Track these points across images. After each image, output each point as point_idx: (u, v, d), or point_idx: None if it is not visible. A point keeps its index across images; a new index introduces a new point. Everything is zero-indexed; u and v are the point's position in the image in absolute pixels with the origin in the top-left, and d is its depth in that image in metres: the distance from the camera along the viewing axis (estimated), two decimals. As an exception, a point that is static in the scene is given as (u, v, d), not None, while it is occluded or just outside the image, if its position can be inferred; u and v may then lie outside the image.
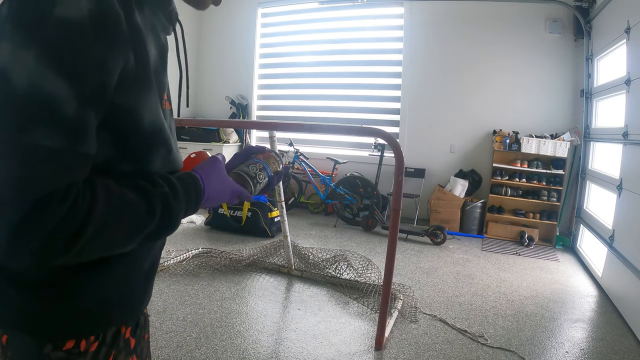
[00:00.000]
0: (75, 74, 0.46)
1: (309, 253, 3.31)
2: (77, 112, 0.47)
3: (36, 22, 0.45)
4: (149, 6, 0.61)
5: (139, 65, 0.54)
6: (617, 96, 3.49)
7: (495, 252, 4.07)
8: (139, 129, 0.57)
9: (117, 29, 0.50)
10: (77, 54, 0.46)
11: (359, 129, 3.14)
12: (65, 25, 0.45)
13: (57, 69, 0.45)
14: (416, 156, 5.07)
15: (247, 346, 2.16)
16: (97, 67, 0.48)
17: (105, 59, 0.49)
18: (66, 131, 0.46)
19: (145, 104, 0.57)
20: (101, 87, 0.49)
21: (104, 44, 0.48)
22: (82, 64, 0.47)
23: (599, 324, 2.64)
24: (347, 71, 5.62)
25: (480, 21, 4.84)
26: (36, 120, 0.44)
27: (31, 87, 0.44)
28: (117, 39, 0.50)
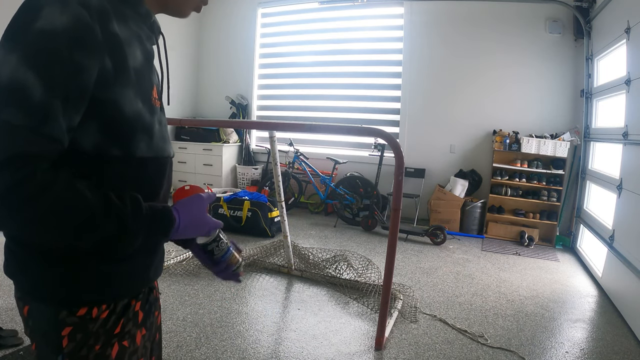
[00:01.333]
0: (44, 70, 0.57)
1: (309, 253, 3.31)
2: (42, 99, 0.56)
3: (21, 33, 0.58)
4: (133, 21, 0.73)
5: (116, 66, 0.65)
6: (617, 96, 3.49)
7: (495, 252, 4.07)
8: (121, 118, 0.67)
9: (90, 38, 0.61)
10: (50, 55, 0.58)
11: (359, 129, 3.14)
12: (43, 34, 0.58)
13: (30, 66, 0.56)
14: (416, 156, 5.07)
15: (247, 346, 2.16)
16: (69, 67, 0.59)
17: (78, 61, 0.59)
18: (29, 112, 0.56)
19: (125, 97, 0.67)
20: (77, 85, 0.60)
21: (78, 49, 0.59)
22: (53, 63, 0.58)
23: (599, 324, 2.64)
24: (347, 71, 5.62)
25: (480, 21, 4.84)
26: (7, 103, 0.55)
27: (9, 79, 0.56)
28: (90, 45, 0.61)
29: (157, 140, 0.74)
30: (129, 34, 0.69)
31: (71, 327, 0.68)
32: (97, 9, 0.63)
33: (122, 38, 0.67)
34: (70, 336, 0.67)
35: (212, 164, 5.75)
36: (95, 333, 0.69)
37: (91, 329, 0.69)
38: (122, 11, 0.70)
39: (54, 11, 0.59)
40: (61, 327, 0.67)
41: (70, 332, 0.68)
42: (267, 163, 5.92)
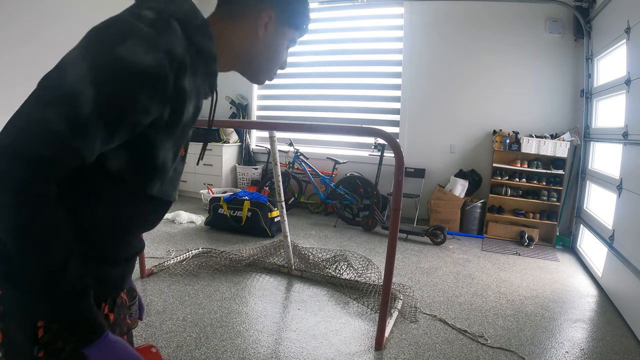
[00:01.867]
0: (105, 93, 0.60)
1: (309, 253, 3.31)
2: (88, 117, 0.59)
3: (101, 49, 0.61)
4: (200, 75, 0.75)
5: (172, 119, 0.69)
6: (617, 96, 3.49)
7: (495, 252, 4.07)
8: (151, 161, 0.71)
9: (161, 88, 0.64)
10: (117, 84, 0.60)
11: (359, 129, 3.14)
12: (121, 62, 0.60)
13: (94, 83, 0.59)
14: (416, 156, 5.07)
15: (247, 346, 2.16)
16: (131, 105, 0.62)
17: (141, 101, 0.63)
18: (71, 123, 0.58)
19: (164, 146, 0.71)
20: (129, 121, 0.63)
21: (145, 92, 0.63)
22: (116, 93, 0.61)
23: (599, 324, 2.64)
24: (347, 71, 5.62)
25: (480, 21, 4.84)
26: (56, 103, 0.58)
27: (71, 84, 0.59)
28: (158, 94, 0.64)
29: (166, 185, 0.78)
30: (192, 89, 0.72)
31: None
32: (178, 61, 0.66)
33: (187, 94, 0.70)
34: (45, 327, 0.67)
35: (212, 164, 5.75)
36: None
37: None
38: (195, 64, 0.72)
39: (140, 47, 0.61)
40: (37, 317, 0.67)
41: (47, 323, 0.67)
42: (267, 163, 5.92)
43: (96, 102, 0.59)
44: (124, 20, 0.65)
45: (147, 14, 0.66)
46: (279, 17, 0.81)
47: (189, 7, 0.73)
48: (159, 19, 0.67)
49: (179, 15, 0.70)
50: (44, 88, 0.60)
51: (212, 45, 0.76)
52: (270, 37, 0.82)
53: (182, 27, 0.70)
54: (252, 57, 0.84)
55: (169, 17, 0.68)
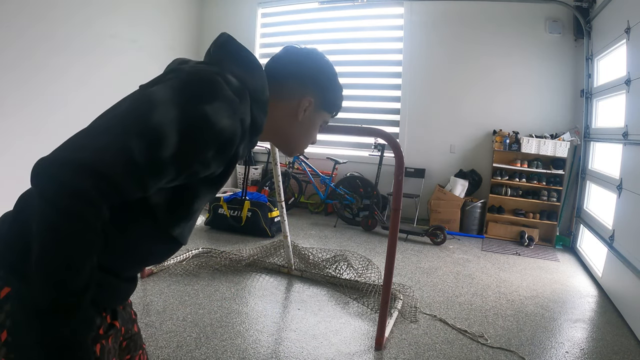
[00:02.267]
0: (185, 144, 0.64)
1: (309, 253, 3.31)
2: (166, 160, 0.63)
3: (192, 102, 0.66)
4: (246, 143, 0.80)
5: (220, 177, 0.76)
6: (617, 96, 3.49)
7: (495, 252, 4.07)
8: (187, 206, 0.76)
9: (229, 150, 0.71)
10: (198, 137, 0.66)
11: (359, 129, 3.14)
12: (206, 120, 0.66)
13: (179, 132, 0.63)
14: (416, 156, 5.07)
15: (247, 346, 2.16)
16: (199, 157, 0.67)
17: (209, 157, 0.68)
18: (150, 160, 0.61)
19: (204, 197, 0.78)
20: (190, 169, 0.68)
21: (215, 151, 0.69)
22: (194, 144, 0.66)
23: (599, 324, 2.64)
24: (347, 71, 5.61)
25: (480, 21, 4.84)
26: (142, 138, 0.61)
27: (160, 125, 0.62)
28: (225, 154, 0.71)
29: (186, 231, 0.83)
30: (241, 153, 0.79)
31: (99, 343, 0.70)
32: (243, 130, 0.73)
33: (238, 159, 0.77)
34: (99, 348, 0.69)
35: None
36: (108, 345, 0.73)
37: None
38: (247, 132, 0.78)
39: (225, 110, 0.68)
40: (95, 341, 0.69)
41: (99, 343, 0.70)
42: (267, 163, 5.92)
43: (177, 150, 0.63)
44: (215, 81, 0.70)
45: (233, 81, 0.73)
46: (316, 102, 0.90)
47: (262, 85, 0.80)
48: (241, 88, 0.73)
49: (252, 88, 0.77)
50: (132, 117, 0.63)
51: (264, 121, 0.83)
52: (307, 120, 0.92)
53: (251, 100, 0.77)
54: (289, 136, 0.93)
55: (247, 89, 0.75)
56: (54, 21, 4.15)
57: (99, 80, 4.59)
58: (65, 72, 4.30)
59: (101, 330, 0.76)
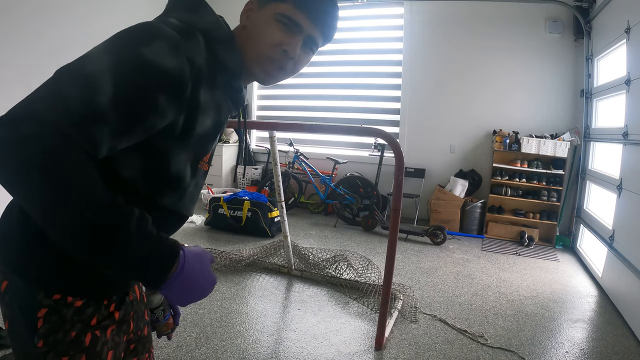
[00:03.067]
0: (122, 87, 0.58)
1: (309, 253, 3.31)
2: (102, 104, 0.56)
3: (127, 46, 0.61)
4: (221, 90, 0.75)
5: (184, 129, 0.68)
6: (617, 96, 3.49)
7: (495, 252, 4.07)
8: (163, 171, 0.70)
9: (179, 92, 0.64)
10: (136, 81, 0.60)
11: (359, 129, 3.14)
12: (144, 62, 0.60)
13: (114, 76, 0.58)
14: (416, 156, 5.07)
15: (247, 346, 2.16)
16: (146, 104, 0.60)
17: (159, 102, 0.61)
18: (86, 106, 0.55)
19: (177, 157, 0.70)
20: (144, 119, 0.61)
21: (164, 93, 0.62)
22: (134, 89, 0.59)
23: (599, 324, 2.64)
24: (347, 71, 5.62)
25: (480, 21, 4.83)
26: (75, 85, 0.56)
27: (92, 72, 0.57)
28: (176, 98, 0.64)
29: (185, 200, 0.78)
30: (209, 102, 0.72)
31: (46, 309, 0.69)
32: (197, 70, 0.66)
33: (201, 105, 0.70)
34: (45, 318, 0.69)
35: (212, 164, 5.72)
36: (71, 319, 0.70)
37: (65, 314, 0.70)
38: (215, 78, 0.73)
39: (164, 49, 0.62)
40: (37, 307, 0.69)
41: (46, 314, 0.69)
42: (267, 163, 5.92)
43: (114, 94, 0.57)
44: (152, 24, 0.65)
45: (174, 21, 0.68)
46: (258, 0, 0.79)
47: (213, 21, 0.74)
48: (185, 27, 0.68)
49: (201, 26, 0.71)
50: (62, 73, 0.58)
51: (237, 60, 0.75)
52: (253, 22, 0.78)
53: (205, 39, 0.71)
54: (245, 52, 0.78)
55: (193, 27, 0.70)
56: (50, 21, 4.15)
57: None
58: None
59: (94, 320, 0.73)
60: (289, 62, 0.78)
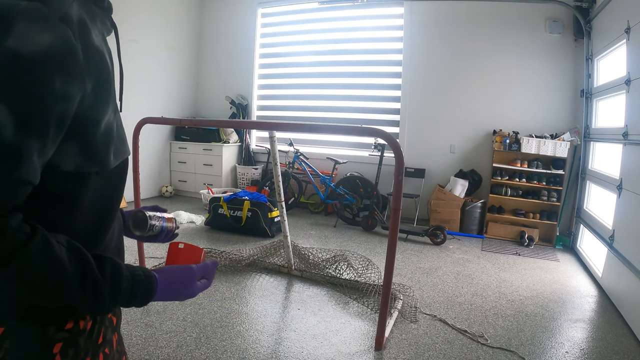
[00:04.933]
0: (18, 104, 0.47)
1: (309, 253, 3.31)
2: (16, 139, 0.47)
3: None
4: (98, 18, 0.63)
5: (98, 86, 0.58)
6: (617, 96, 3.49)
7: (495, 252, 4.07)
8: (98, 134, 0.60)
9: (74, 62, 0.52)
10: (26, 85, 0.48)
11: (359, 129, 3.13)
12: (18, 58, 0.47)
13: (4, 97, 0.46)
14: (416, 156, 5.07)
15: (247, 346, 2.16)
16: (51, 99, 0.50)
17: (61, 90, 0.51)
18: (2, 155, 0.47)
19: (103, 113, 0.60)
20: (58, 116, 0.51)
21: (61, 77, 0.50)
22: (30, 95, 0.48)
23: (599, 324, 2.64)
24: (347, 71, 5.62)
25: (480, 21, 4.84)
26: None
27: None
28: (72, 71, 0.52)
29: (117, 144, 0.66)
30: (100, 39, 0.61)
31: (62, 343, 0.63)
32: (77, 23, 0.55)
33: (100, 51, 0.59)
34: (62, 352, 0.63)
35: (212, 164, 5.75)
36: (85, 346, 0.66)
37: (80, 342, 0.65)
38: (91, 10, 0.61)
39: (32, 28, 0.48)
40: (51, 344, 0.62)
41: (62, 348, 0.63)
42: (267, 163, 5.92)
43: (15, 119, 0.47)
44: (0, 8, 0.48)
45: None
46: None
47: None
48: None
49: None
50: None
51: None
52: None
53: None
54: None
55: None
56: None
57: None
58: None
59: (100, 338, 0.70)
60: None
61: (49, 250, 0.52)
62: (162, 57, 5.72)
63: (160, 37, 5.59)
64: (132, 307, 0.68)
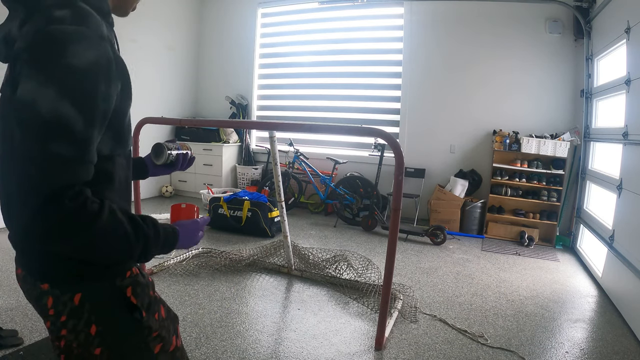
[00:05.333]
0: (83, 104, 0.65)
1: (309, 253, 3.31)
2: (85, 131, 0.65)
3: (51, 67, 0.63)
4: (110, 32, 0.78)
5: (124, 87, 0.75)
6: (617, 96, 3.49)
7: (495, 252, 4.07)
8: (125, 123, 0.79)
9: (112, 69, 0.69)
10: (85, 91, 0.65)
11: (359, 129, 3.13)
12: (77, 70, 0.64)
13: (70, 101, 0.63)
14: (416, 156, 5.07)
15: (247, 346, 2.16)
16: (100, 99, 0.67)
17: (107, 92, 0.68)
18: (76, 145, 0.65)
19: (128, 107, 0.79)
20: (104, 112, 0.69)
21: (105, 82, 0.68)
22: (89, 97, 0.66)
23: (599, 324, 2.64)
24: (347, 71, 5.62)
25: (480, 21, 4.84)
26: (55, 136, 0.62)
27: (52, 114, 0.62)
28: (112, 77, 0.69)
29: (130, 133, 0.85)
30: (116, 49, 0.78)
31: (130, 287, 0.83)
32: (108, 39, 0.71)
33: (122, 58, 0.75)
34: (133, 293, 0.83)
35: (212, 164, 5.75)
36: (144, 283, 0.87)
37: (142, 282, 0.86)
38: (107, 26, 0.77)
39: (81, 47, 0.65)
40: (124, 289, 0.81)
41: (132, 290, 0.83)
42: (267, 163, 5.92)
43: (82, 116, 0.64)
44: (53, 33, 0.65)
45: (60, 13, 0.67)
46: None
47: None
48: (73, 11, 0.68)
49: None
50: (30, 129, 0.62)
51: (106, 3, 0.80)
52: None
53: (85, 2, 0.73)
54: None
55: (72, 2, 0.71)
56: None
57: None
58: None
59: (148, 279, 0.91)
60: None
61: (115, 214, 0.69)
62: (162, 57, 5.72)
63: (160, 37, 5.59)
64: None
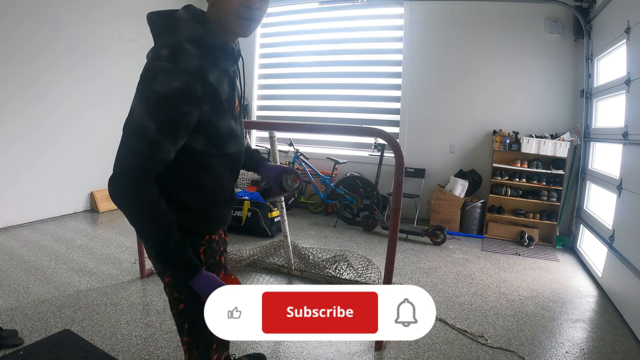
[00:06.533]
0: (158, 118, 0.93)
1: (309, 253, 3.31)
2: (156, 136, 0.93)
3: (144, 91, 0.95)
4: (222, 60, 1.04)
5: (213, 108, 1.00)
6: (617, 96, 3.49)
7: (495, 252, 4.07)
8: (219, 133, 1.05)
9: (192, 95, 0.95)
10: (162, 110, 0.93)
11: (359, 129, 3.14)
12: (159, 94, 0.93)
13: (150, 115, 0.93)
14: (416, 156, 5.07)
15: (247, 346, 2.16)
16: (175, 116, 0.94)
17: (183, 111, 0.94)
18: (147, 144, 0.94)
19: (221, 121, 1.04)
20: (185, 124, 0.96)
21: (183, 104, 0.94)
22: (164, 114, 0.93)
23: (599, 324, 2.64)
24: (347, 71, 5.61)
25: (480, 21, 4.83)
26: (135, 136, 0.94)
27: (139, 122, 0.94)
28: (192, 100, 0.95)
29: (239, 140, 1.12)
30: (219, 75, 1.02)
31: (203, 247, 1.14)
32: (197, 71, 0.95)
33: (215, 85, 1.00)
34: (204, 252, 1.14)
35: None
36: (215, 249, 1.18)
37: (214, 246, 1.17)
38: (214, 57, 1.02)
39: (167, 78, 0.92)
40: (198, 248, 1.13)
41: (204, 250, 1.14)
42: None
43: (156, 126, 0.92)
44: (152, 66, 0.95)
45: (163, 52, 0.96)
46: None
47: (187, 28, 0.99)
48: (172, 51, 0.96)
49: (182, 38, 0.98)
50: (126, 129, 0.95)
51: (218, 38, 1.02)
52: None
53: (191, 42, 0.98)
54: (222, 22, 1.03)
55: (178, 43, 0.97)
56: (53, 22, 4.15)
57: (98, 80, 4.58)
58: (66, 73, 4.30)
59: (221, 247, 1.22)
60: (255, 12, 1.02)
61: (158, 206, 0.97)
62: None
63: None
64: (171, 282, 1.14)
